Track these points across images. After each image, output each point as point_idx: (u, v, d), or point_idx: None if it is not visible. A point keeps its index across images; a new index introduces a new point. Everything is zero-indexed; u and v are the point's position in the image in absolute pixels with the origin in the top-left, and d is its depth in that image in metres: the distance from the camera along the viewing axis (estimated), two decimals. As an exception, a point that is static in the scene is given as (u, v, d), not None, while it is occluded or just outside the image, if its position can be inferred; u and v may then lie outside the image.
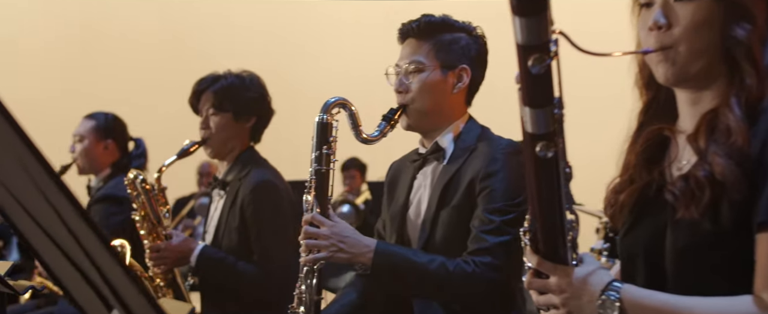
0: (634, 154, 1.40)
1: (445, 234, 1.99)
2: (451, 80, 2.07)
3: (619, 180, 1.42)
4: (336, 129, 2.00)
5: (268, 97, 2.84)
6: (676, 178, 1.29)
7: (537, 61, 1.09)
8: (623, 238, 1.38)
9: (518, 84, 1.12)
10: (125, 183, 2.83)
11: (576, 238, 1.25)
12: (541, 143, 1.15)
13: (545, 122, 1.14)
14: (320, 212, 1.96)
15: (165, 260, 2.69)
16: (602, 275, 1.24)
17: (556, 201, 1.20)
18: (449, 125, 2.09)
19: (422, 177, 2.12)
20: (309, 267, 1.98)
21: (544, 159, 1.14)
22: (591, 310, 1.22)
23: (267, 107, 2.84)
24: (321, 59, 8.10)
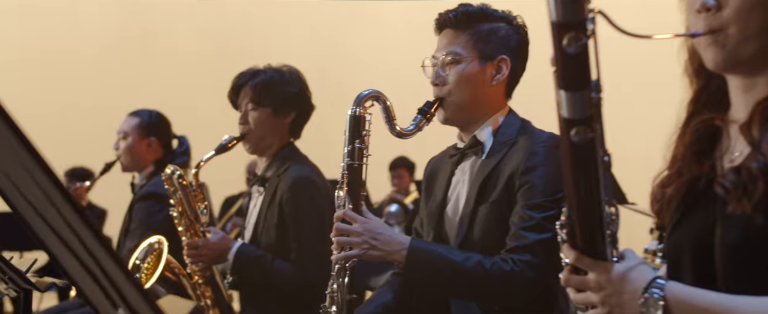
0: (683, 146, 1.31)
1: (483, 231, 1.92)
2: (489, 72, 1.99)
3: (666, 173, 1.33)
4: (369, 122, 1.94)
5: (308, 92, 2.79)
6: (728, 170, 1.19)
7: (572, 39, 1.01)
8: (670, 235, 1.28)
9: (553, 66, 1.05)
10: (162, 178, 2.80)
11: (616, 232, 1.17)
12: (578, 128, 1.07)
13: (582, 106, 1.06)
14: (353, 208, 1.91)
15: (202, 257, 2.65)
16: (645, 271, 1.14)
17: (594, 192, 1.12)
18: (488, 118, 2.01)
19: (461, 172, 2.04)
20: (341, 265, 1.91)
21: (580, 146, 1.07)
22: (633, 309, 1.13)
23: (307, 102, 2.79)
24: (365, 59, 8.08)
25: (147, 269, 2.73)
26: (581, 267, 1.17)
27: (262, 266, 2.60)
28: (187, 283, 2.72)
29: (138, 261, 2.73)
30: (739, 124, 1.22)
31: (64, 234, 0.82)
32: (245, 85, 2.73)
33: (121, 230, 3.57)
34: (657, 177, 1.34)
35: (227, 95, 2.79)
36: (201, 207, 2.72)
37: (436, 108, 1.98)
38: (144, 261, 2.75)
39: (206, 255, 2.64)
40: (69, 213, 0.80)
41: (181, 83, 7.93)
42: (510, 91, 2.05)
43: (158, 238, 2.76)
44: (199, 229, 2.71)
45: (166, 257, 2.64)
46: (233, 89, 2.77)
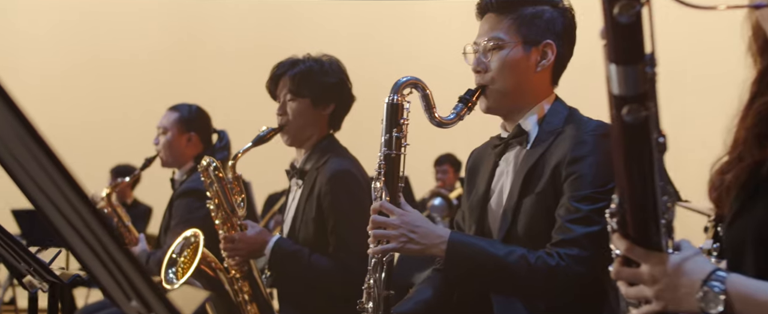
0: (744, 129, 1.21)
1: (528, 223, 1.82)
2: (534, 57, 1.89)
3: (726, 159, 1.23)
4: (407, 110, 1.86)
5: (348, 82, 2.72)
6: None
7: (625, 8, 0.93)
8: (729, 225, 1.18)
9: (603, 38, 0.97)
10: (198, 170, 2.74)
11: (672, 221, 1.07)
12: (630, 106, 0.98)
13: (635, 82, 0.97)
14: (390, 200, 1.83)
15: (239, 251, 2.59)
16: (703, 263, 1.05)
17: (648, 177, 1.03)
18: (533, 106, 1.91)
19: (504, 163, 1.95)
20: (377, 259, 1.84)
21: (632, 126, 0.98)
22: (690, 304, 1.03)
23: (347, 93, 2.71)
24: (404, 54, 8.01)
25: (183, 263, 2.69)
26: (633, 259, 1.08)
27: (299, 261, 2.54)
28: (224, 278, 2.67)
29: (174, 255, 2.70)
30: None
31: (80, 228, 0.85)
32: (284, 75, 2.67)
33: (161, 227, 3.56)
34: (716, 163, 1.24)
35: (265, 85, 2.73)
36: (238, 200, 2.66)
37: (478, 96, 1.89)
38: (180, 255, 2.71)
39: (243, 248, 2.59)
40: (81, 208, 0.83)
41: (221, 79, 7.98)
42: (556, 77, 1.95)
43: (194, 231, 2.70)
44: (236, 223, 2.64)
45: (202, 251, 2.61)
46: (272, 79, 2.70)
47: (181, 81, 7.85)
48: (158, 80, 7.99)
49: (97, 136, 8.08)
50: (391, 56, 8.15)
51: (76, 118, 8.21)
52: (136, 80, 8.21)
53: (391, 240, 1.80)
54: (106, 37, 8.35)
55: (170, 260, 2.68)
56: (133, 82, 8.21)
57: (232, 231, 2.63)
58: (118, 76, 8.24)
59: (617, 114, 0.99)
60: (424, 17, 8.31)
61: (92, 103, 8.26)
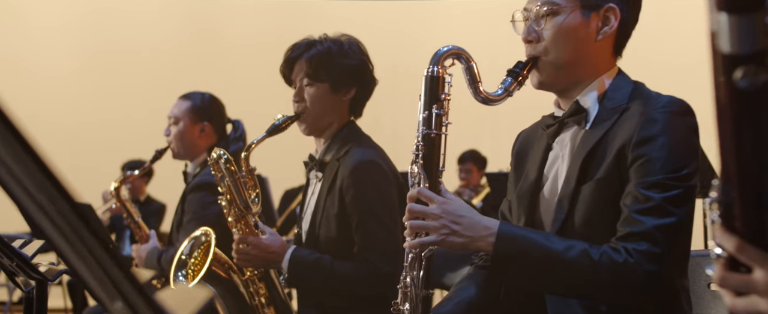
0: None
1: (588, 214, 1.60)
2: (594, 24, 1.67)
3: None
4: (449, 84, 1.64)
5: (369, 64, 2.50)
6: None
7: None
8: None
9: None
10: (209, 163, 2.53)
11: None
12: (746, 68, 0.79)
13: (752, 36, 0.78)
14: (429, 187, 1.60)
15: (251, 258, 2.38)
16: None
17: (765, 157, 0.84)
18: (593, 81, 1.69)
19: (559, 146, 1.73)
20: (415, 254, 1.61)
21: (748, 93, 0.79)
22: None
23: (369, 76, 2.50)
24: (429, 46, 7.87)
25: (194, 264, 2.51)
26: (743, 261, 0.88)
27: (320, 270, 2.33)
28: (238, 280, 2.46)
29: (184, 256, 2.51)
30: None
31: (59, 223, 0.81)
32: (300, 57, 2.46)
33: (173, 223, 3.39)
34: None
35: (279, 70, 2.52)
36: (252, 196, 2.46)
37: (529, 69, 1.67)
38: (191, 256, 2.53)
39: (255, 256, 2.38)
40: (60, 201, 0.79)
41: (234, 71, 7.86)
42: (619, 47, 1.73)
43: (205, 230, 2.50)
44: (251, 220, 2.44)
45: (213, 251, 2.44)
46: (286, 63, 2.49)
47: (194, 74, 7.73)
48: (171, 74, 7.88)
49: (110, 132, 7.99)
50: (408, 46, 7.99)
51: (89, 114, 8.12)
52: (148, 75, 8.12)
53: (430, 232, 1.58)
54: (118, 32, 8.28)
55: (180, 261, 2.50)
56: (145, 77, 8.12)
57: (247, 229, 2.44)
58: (130, 70, 8.16)
59: (727, 78, 0.79)
60: (441, 6, 8.15)
61: (104, 98, 8.17)
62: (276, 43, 8.05)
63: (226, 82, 7.75)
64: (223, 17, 8.40)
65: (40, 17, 8.24)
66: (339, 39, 2.48)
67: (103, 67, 8.24)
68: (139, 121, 7.59)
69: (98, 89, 8.20)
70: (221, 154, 2.49)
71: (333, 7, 8.18)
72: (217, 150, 2.51)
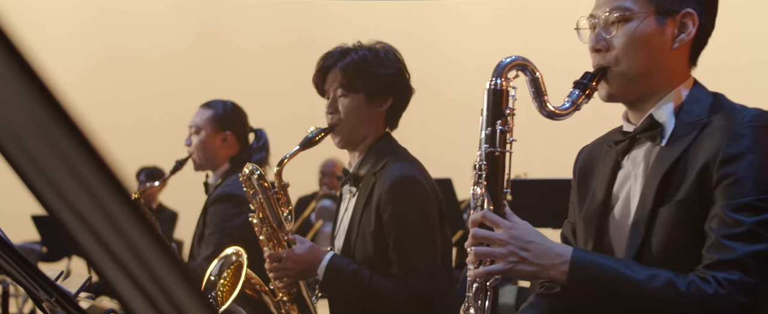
0: None
1: (667, 239, 1.46)
2: (670, 31, 1.53)
3: None
4: (514, 98, 1.50)
5: (406, 73, 2.37)
6: None
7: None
8: None
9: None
10: (240, 179, 2.42)
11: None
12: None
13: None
14: (494, 209, 1.47)
15: (287, 272, 2.27)
16: None
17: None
18: (668, 92, 1.55)
19: (631, 164, 1.59)
20: (480, 283, 1.48)
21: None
22: None
23: (405, 86, 2.37)
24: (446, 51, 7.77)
25: (224, 286, 2.38)
26: None
27: (358, 283, 2.20)
28: (270, 301, 2.34)
29: (213, 277, 2.38)
30: None
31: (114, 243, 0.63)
32: (333, 67, 2.33)
33: (195, 236, 3.27)
34: None
35: (312, 80, 2.39)
36: (285, 213, 2.33)
37: (598, 80, 1.53)
38: (220, 277, 2.40)
39: (291, 268, 2.26)
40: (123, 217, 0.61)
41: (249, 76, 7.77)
42: (695, 55, 1.59)
43: (236, 250, 2.38)
44: (283, 238, 2.32)
45: (245, 271, 2.32)
46: (319, 72, 2.36)
47: (205, 78, 7.66)
48: (181, 78, 7.81)
49: (123, 138, 7.91)
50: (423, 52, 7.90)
51: (101, 119, 8.04)
52: (157, 79, 8.04)
53: (497, 260, 1.44)
54: (127, 36, 8.21)
55: (209, 283, 2.39)
56: (154, 81, 8.04)
57: (279, 247, 2.32)
58: (140, 75, 8.08)
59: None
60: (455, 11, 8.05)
61: (117, 103, 8.09)
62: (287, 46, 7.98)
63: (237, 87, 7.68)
64: (233, 20, 8.31)
65: (49, 22, 8.16)
66: (374, 47, 2.36)
67: (113, 72, 8.16)
68: (149, 126, 7.51)
69: (107, 94, 8.11)
70: (253, 169, 2.37)
71: (344, 9, 8.08)
72: (250, 165, 2.40)
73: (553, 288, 1.66)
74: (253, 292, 2.36)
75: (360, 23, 7.67)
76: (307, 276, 2.31)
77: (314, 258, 2.25)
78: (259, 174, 2.36)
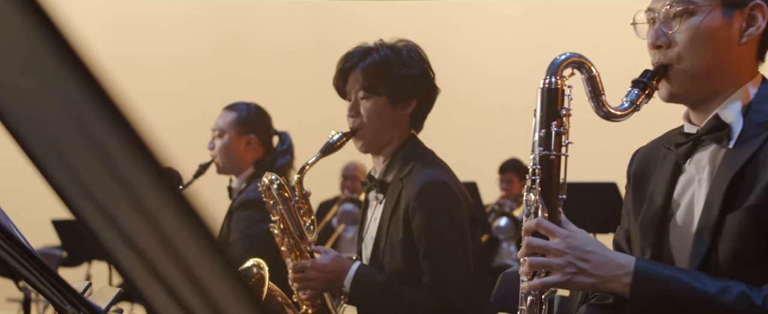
0: None
1: (737, 248, 1.36)
2: (737, 25, 1.42)
3: None
4: (570, 97, 1.40)
5: (431, 72, 2.26)
6: None
7: None
8: None
9: None
10: (259, 189, 2.32)
11: None
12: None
13: None
14: (548, 217, 1.37)
15: (311, 283, 2.17)
16: None
17: None
18: (735, 90, 1.44)
19: (694, 167, 1.47)
20: (535, 296, 1.38)
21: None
22: None
23: (430, 86, 2.26)
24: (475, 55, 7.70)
25: None
26: None
27: (387, 294, 2.11)
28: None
29: None
30: None
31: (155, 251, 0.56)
32: (354, 68, 2.22)
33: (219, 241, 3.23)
34: None
35: (333, 82, 2.29)
36: (307, 223, 2.24)
37: (658, 79, 1.43)
38: None
39: (315, 279, 2.17)
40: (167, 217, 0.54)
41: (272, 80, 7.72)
42: (763, 51, 1.48)
43: (257, 262, 2.27)
44: (306, 249, 2.23)
45: (268, 285, 2.21)
46: (340, 74, 2.25)
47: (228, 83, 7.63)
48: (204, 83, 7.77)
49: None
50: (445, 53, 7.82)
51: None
52: (180, 84, 8.00)
53: (554, 271, 1.34)
54: (148, 41, 8.19)
55: None
56: (177, 87, 8.00)
57: (302, 259, 2.23)
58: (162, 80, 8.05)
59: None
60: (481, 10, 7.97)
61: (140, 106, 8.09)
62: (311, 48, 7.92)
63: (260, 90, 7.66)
64: (255, 23, 8.26)
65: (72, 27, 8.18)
66: (397, 45, 2.24)
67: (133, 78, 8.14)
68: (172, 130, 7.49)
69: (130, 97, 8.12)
70: (273, 178, 2.27)
71: (368, 10, 8.01)
72: (269, 174, 2.30)
73: (605, 299, 1.55)
74: (276, 305, 2.28)
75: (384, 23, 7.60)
76: (332, 287, 2.21)
77: (340, 269, 2.16)
78: (278, 183, 2.26)
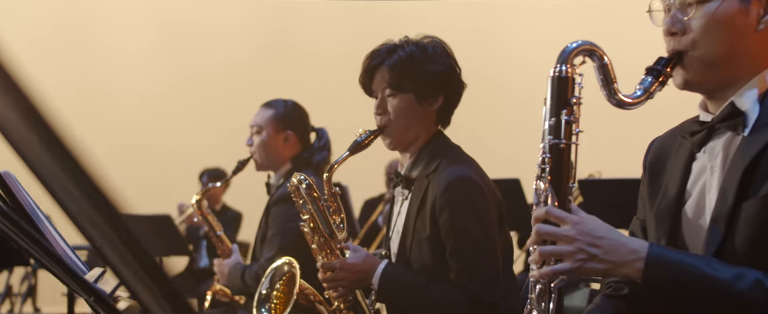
0: None
1: (752, 236, 1.32)
2: (755, 11, 1.38)
3: None
4: (580, 86, 1.37)
5: (457, 68, 2.25)
6: None
7: None
8: None
9: None
10: (288, 189, 2.35)
11: None
12: None
13: None
14: (559, 205, 1.35)
15: (340, 282, 2.19)
16: None
17: None
18: (751, 78, 1.40)
19: (708, 155, 1.44)
20: (544, 284, 1.36)
21: None
22: None
23: (457, 82, 2.25)
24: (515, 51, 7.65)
25: (277, 298, 2.31)
26: None
27: (414, 292, 2.10)
28: (325, 310, 2.27)
29: (264, 290, 2.29)
30: None
31: None
32: (380, 66, 2.23)
33: (257, 236, 3.23)
34: None
35: (359, 80, 2.29)
36: (337, 221, 2.26)
37: (673, 66, 1.40)
38: (273, 289, 2.28)
39: (344, 278, 2.18)
40: None
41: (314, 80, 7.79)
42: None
43: (288, 260, 2.31)
44: (336, 247, 2.24)
45: (299, 283, 2.22)
46: (366, 72, 2.25)
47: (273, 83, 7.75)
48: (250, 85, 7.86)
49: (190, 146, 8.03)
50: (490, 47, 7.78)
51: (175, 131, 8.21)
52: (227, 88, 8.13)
53: (564, 258, 1.31)
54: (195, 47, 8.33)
55: (261, 297, 2.33)
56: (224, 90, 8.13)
57: (332, 257, 2.24)
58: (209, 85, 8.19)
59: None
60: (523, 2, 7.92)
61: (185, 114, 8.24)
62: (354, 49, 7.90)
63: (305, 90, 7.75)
64: (299, 26, 8.35)
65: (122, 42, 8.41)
66: (422, 42, 2.23)
67: (181, 84, 8.31)
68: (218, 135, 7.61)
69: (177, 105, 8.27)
70: (302, 178, 2.29)
71: (410, 9, 8.03)
72: (297, 175, 2.32)
73: (621, 289, 1.52)
74: (307, 302, 2.32)
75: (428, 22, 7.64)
76: (361, 285, 2.21)
77: (368, 268, 2.16)
78: (307, 183, 2.28)
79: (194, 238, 6.25)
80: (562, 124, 1.36)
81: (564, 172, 1.36)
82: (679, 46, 1.41)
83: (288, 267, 2.33)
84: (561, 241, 1.32)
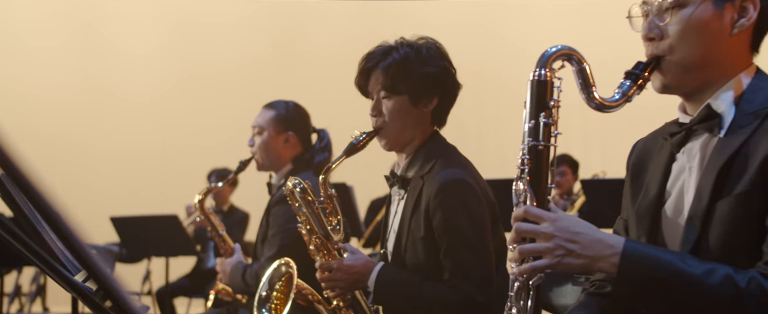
0: None
1: (725, 234, 1.36)
2: (729, 16, 1.42)
3: None
4: (559, 90, 1.41)
5: (452, 69, 2.27)
6: None
7: None
8: None
9: None
10: (284, 193, 2.38)
11: None
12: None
13: None
14: (537, 205, 1.38)
15: (337, 283, 2.22)
16: None
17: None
18: (727, 81, 1.44)
19: (686, 156, 1.48)
20: (522, 282, 1.39)
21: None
22: None
23: (451, 83, 2.27)
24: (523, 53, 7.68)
25: (277, 298, 2.32)
26: None
27: (409, 293, 2.13)
28: (324, 309, 2.31)
29: (264, 292, 2.33)
30: None
31: None
32: (375, 68, 2.25)
33: (258, 236, 3.28)
34: None
35: (355, 82, 2.32)
36: (333, 223, 2.30)
37: (650, 70, 1.44)
38: (272, 289, 2.33)
39: (341, 279, 2.21)
40: None
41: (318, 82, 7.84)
42: (757, 41, 1.47)
43: (286, 261, 2.34)
44: (333, 248, 2.28)
45: (296, 283, 2.25)
46: (361, 74, 2.28)
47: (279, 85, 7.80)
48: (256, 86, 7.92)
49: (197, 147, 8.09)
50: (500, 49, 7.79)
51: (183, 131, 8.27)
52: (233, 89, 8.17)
53: (543, 255, 1.34)
54: (202, 48, 8.39)
55: (261, 298, 2.34)
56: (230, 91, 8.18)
57: (330, 258, 2.27)
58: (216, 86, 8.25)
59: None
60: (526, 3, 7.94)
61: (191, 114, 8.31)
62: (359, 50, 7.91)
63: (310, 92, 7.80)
64: (306, 27, 8.40)
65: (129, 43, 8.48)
66: (416, 44, 2.25)
67: (189, 85, 8.37)
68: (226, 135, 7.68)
69: (185, 106, 8.34)
70: (296, 183, 2.32)
71: (415, 9, 8.07)
72: (292, 179, 2.35)
73: (604, 288, 1.55)
74: (306, 302, 2.36)
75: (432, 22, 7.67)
76: (358, 286, 2.25)
77: (365, 270, 2.20)
78: (301, 187, 2.31)
79: (202, 239, 6.31)
80: (541, 127, 1.40)
81: (543, 173, 1.40)
82: (657, 50, 1.45)
83: (285, 267, 2.37)
84: (539, 238, 1.35)
